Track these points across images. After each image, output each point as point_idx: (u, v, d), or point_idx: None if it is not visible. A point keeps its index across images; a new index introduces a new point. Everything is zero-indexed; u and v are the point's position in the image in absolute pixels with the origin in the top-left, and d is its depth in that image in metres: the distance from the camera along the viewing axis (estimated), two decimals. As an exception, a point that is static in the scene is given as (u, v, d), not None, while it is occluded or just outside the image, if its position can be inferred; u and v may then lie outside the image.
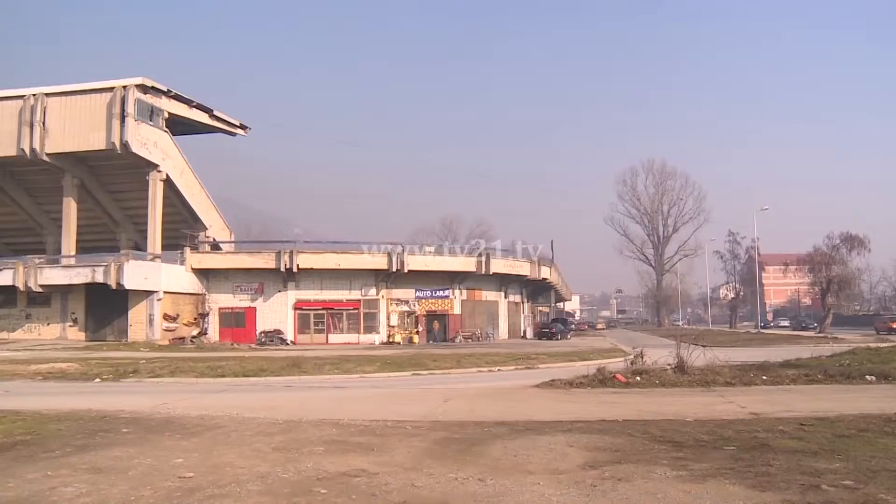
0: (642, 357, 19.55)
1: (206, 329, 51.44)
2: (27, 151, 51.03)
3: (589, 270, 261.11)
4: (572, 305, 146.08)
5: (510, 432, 10.82)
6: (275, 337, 50.62)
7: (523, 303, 69.04)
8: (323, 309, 53.59)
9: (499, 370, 26.47)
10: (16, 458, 9.07)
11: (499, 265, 57.82)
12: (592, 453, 9.08)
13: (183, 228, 54.97)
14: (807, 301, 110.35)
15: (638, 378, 17.71)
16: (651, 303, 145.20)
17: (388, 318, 54.75)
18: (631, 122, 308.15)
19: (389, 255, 52.75)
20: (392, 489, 7.31)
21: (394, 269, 52.65)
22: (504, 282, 61.31)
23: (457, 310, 56.97)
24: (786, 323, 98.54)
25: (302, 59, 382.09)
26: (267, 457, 8.99)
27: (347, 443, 10.00)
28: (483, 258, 56.29)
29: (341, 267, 52.79)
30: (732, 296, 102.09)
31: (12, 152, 51.68)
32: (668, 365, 18.59)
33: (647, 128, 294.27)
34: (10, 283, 48.37)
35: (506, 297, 62.95)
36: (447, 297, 56.52)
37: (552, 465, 8.42)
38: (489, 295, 60.52)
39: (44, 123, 51.12)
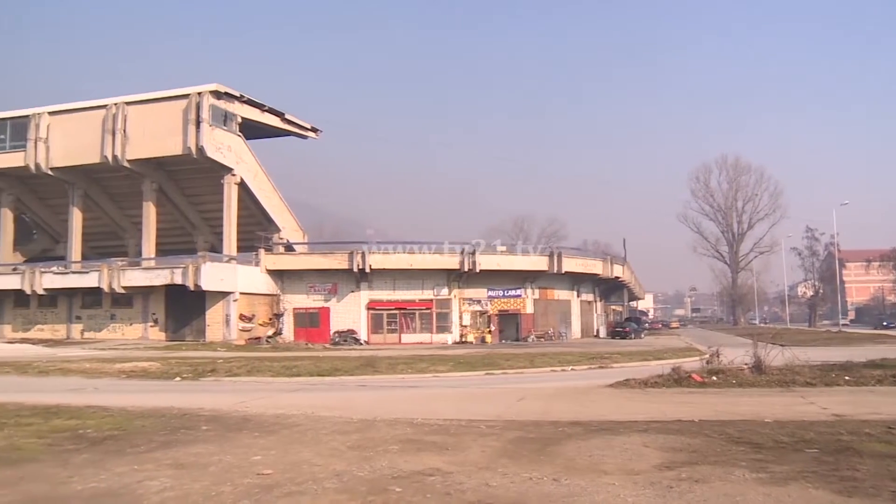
0: (718, 356, 19.21)
1: (281, 329, 52.19)
2: (110, 158, 52.78)
3: (662, 269, 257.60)
4: (645, 304, 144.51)
5: (585, 432, 10.72)
6: (348, 337, 51.05)
7: (596, 302, 68.51)
8: (396, 309, 53.93)
9: (572, 370, 26.29)
10: (106, 452, 9.38)
11: (571, 264, 57.46)
12: (668, 454, 8.93)
13: (257, 230, 55.94)
14: (892, 299, 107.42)
15: (714, 378, 17.36)
16: (726, 301, 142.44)
17: (461, 317, 54.85)
18: (707, 118, 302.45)
19: (461, 254, 52.86)
20: (467, 488, 7.30)
21: (465, 269, 52.73)
22: (576, 281, 60.92)
23: (529, 309, 56.78)
24: (864, 321, 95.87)
25: (371, 60, 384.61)
26: (343, 455, 9.06)
27: (422, 442, 10.02)
28: (555, 257, 56.00)
29: (413, 267, 53.06)
30: (811, 294, 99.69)
31: (96, 159, 53.57)
32: (745, 364, 18.20)
33: (726, 124, 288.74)
34: (95, 284, 50.17)
35: (578, 296, 62.55)
36: (519, 296, 56.37)
37: (627, 466, 8.31)
38: (561, 294, 60.22)
39: (125, 131, 52.75)
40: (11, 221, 60.68)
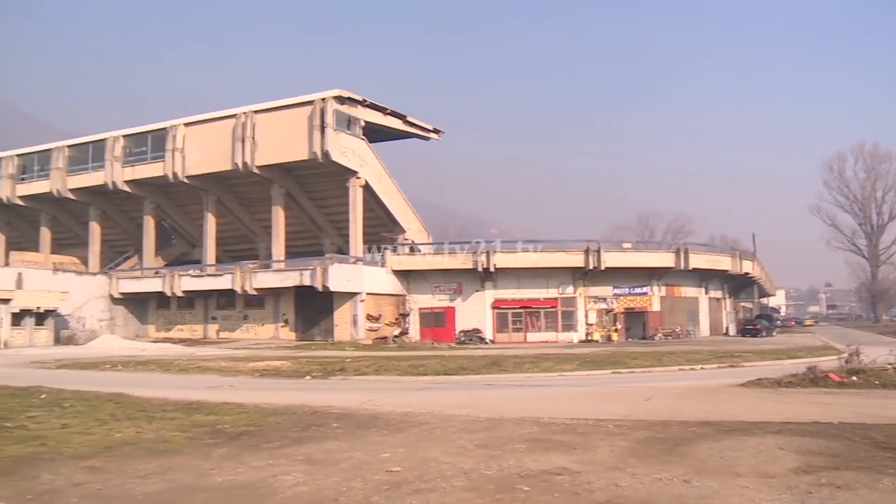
0: (858, 355, 18.36)
1: (407, 329, 52.83)
2: (240, 165, 54.74)
3: (794, 264, 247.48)
4: (777, 301, 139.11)
5: (715, 432, 10.45)
6: (474, 336, 51.19)
7: (724, 299, 66.63)
8: (521, 307, 53.85)
9: (701, 368, 25.65)
10: (242, 447, 9.74)
11: (698, 260, 56.07)
12: (806, 457, 8.60)
13: (382, 232, 56.86)
14: None
15: (854, 378, 16.54)
16: (865, 297, 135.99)
17: (586, 315, 54.32)
18: (838, 108, 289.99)
19: (586, 252, 52.32)
20: (595, 488, 7.24)
21: (590, 267, 52.17)
22: (704, 277, 59.39)
23: (655, 307, 55.71)
24: None
25: (494, 61, 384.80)
26: (470, 453, 9.10)
27: (549, 441, 9.96)
28: (681, 253, 54.79)
29: (538, 265, 52.85)
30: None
31: (228, 167, 55.68)
32: (890, 364, 17.25)
33: (860, 112, 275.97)
34: (229, 286, 52.23)
35: (706, 293, 60.96)
36: (645, 293, 55.39)
37: (762, 468, 8.06)
38: (689, 291, 58.83)
39: (253, 138, 54.58)
40: (153, 228, 63.60)
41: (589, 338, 52.66)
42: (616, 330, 53.76)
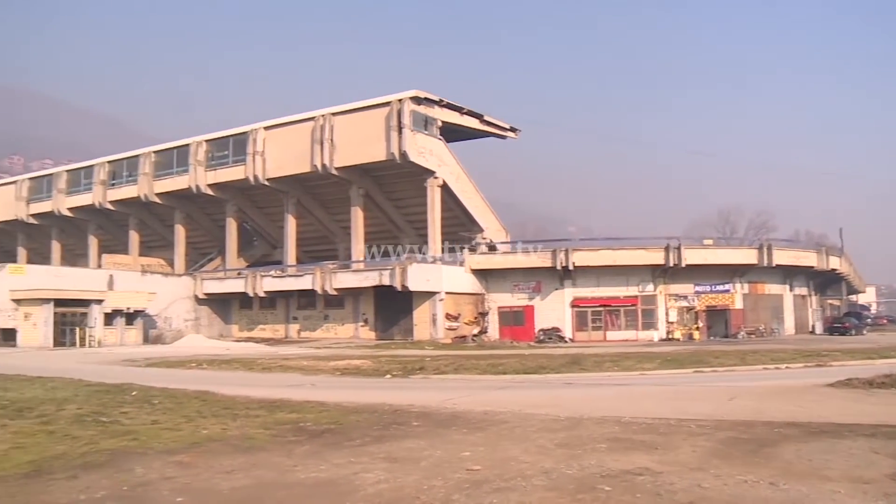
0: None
1: (486, 328, 52.86)
2: (319, 167, 55.51)
3: (885, 259, 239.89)
4: (867, 298, 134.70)
5: (803, 434, 10.16)
6: (553, 334, 50.95)
7: (810, 296, 64.81)
8: (600, 306, 53.37)
9: (787, 368, 24.96)
10: (325, 445, 9.88)
11: (782, 256, 54.70)
12: (903, 461, 8.26)
13: (461, 231, 57.01)
14: None
15: (954, 378, 15.92)
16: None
17: (667, 313, 53.55)
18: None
19: (666, 249, 51.59)
20: (678, 489, 7.13)
21: (671, 264, 51.42)
22: (788, 274, 57.90)
23: (738, 304, 54.55)
24: None
25: (569, 58, 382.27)
26: (551, 453, 9.06)
27: (630, 440, 9.86)
28: (765, 249, 53.54)
29: (617, 263, 52.30)
30: None
31: (307, 169, 56.55)
32: None
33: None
34: (309, 286, 53.12)
35: (791, 290, 59.41)
36: (727, 291, 54.31)
37: (855, 473, 7.78)
38: (772, 288, 57.42)
39: (332, 140, 55.29)
40: (235, 230, 65.01)
41: (670, 336, 51.92)
42: (697, 328, 52.85)
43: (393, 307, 51.92)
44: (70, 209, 73.77)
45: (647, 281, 53.19)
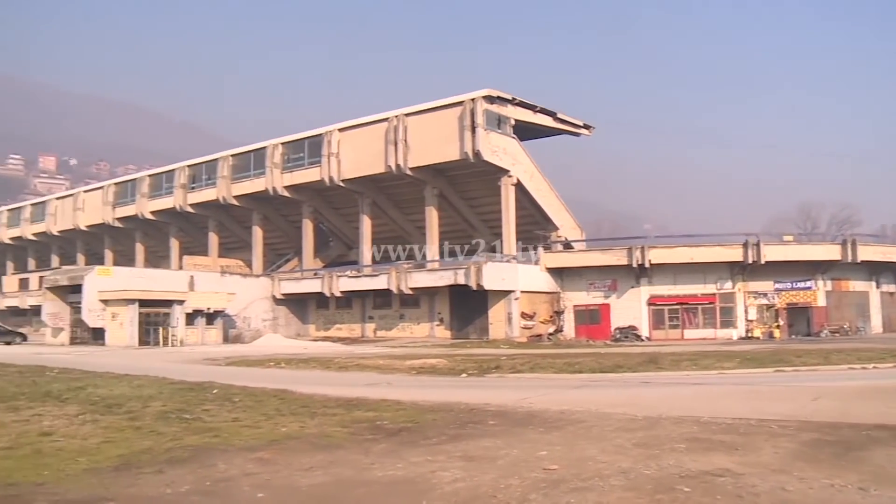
0: None
1: (561, 326, 52.63)
2: (393, 167, 55.90)
3: None
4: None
5: (894, 437, 9.84)
6: (629, 333, 50.44)
7: (900, 293, 62.85)
8: (677, 304, 52.63)
9: (874, 367, 24.11)
10: (401, 443, 9.94)
11: (867, 252, 53.04)
12: None
13: (535, 230, 56.80)
14: None
15: None
16: None
17: (746, 311, 52.51)
18: None
19: (745, 245, 50.57)
20: (760, 492, 6.96)
21: (749, 261, 50.38)
22: (874, 270, 56.13)
23: (821, 302, 53.12)
24: None
25: (643, 57, 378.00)
26: (628, 452, 8.96)
27: (710, 441, 9.67)
28: (849, 245, 52.02)
29: (694, 260, 51.48)
30: None
31: (381, 169, 57.02)
32: None
33: None
34: (385, 286, 53.64)
35: (878, 287, 57.55)
36: (809, 288, 52.96)
37: (955, 479, 7.46)
38: (857, 285, 55.75)
39: (405, 141, 55.59)
40: (311, 231, 65.87)
41: (749, 335, 50.87)
42: (778, 326, 51.65)
43: (468, 306, 52.04)
44: (152, 212, 75.85)
45: (726, 278, 52.24)
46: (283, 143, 64.46)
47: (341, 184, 59.97)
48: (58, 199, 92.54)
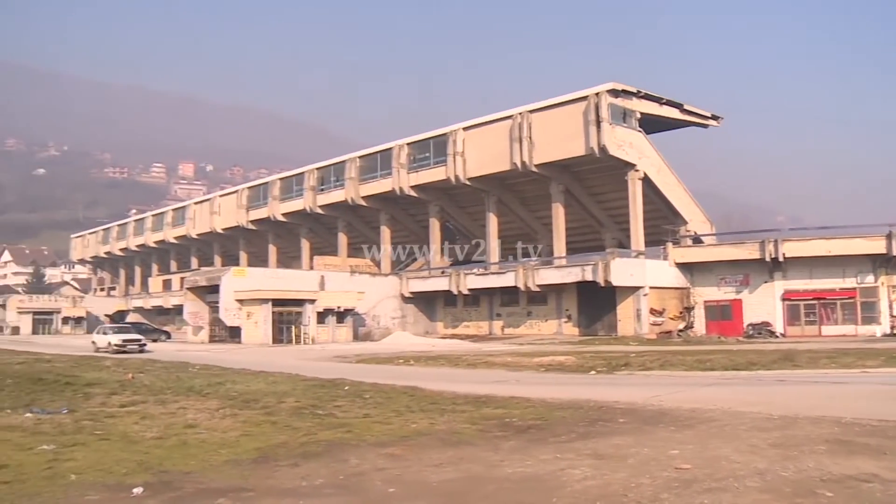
0: None
1: (692, 322, 51.47)
2: (518, 164, 55.89)
3: None
4: None
5: None
6: (762, 329, 48.82)
7: None
8: (814, 299, 50.55)
9: None
10: (530, 440, 10.01)
11: None
12: None
13: (663, 224, 55.68)
14: None
15: None
16: None
17: (890, 306, 49.97)
18: None
19: (888, 237, 48.10)
20: (912, 499, 6.62)
21: (893, 254, 47.96)
22: None
23: (977, 295, 50.10)
24: None
25: (775, 46, 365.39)
26: (764, 453, 8.75)
27: (852, 443, 9.31)
28: None
29: (831, 253, 49.29)
30: None
31: (506, 167, 57.09)
32: None
33: None
34: (512, 283, 53.72)
35: None
36: (962, 280, 49.99)
37: None
38: None
39: (530, 138, 55.48)
40: (438, 229, 66.58)
41: (894, 331, 48.46)
42: (928, 322, 48.99)
43: (596, 303, 51.54)
44: (284, 214, 78.50)
45: (867, 272, 49.80)
46: (408, 144, 65.39)
47: (467, 182, 60.36)
48: (196, 203, 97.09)
